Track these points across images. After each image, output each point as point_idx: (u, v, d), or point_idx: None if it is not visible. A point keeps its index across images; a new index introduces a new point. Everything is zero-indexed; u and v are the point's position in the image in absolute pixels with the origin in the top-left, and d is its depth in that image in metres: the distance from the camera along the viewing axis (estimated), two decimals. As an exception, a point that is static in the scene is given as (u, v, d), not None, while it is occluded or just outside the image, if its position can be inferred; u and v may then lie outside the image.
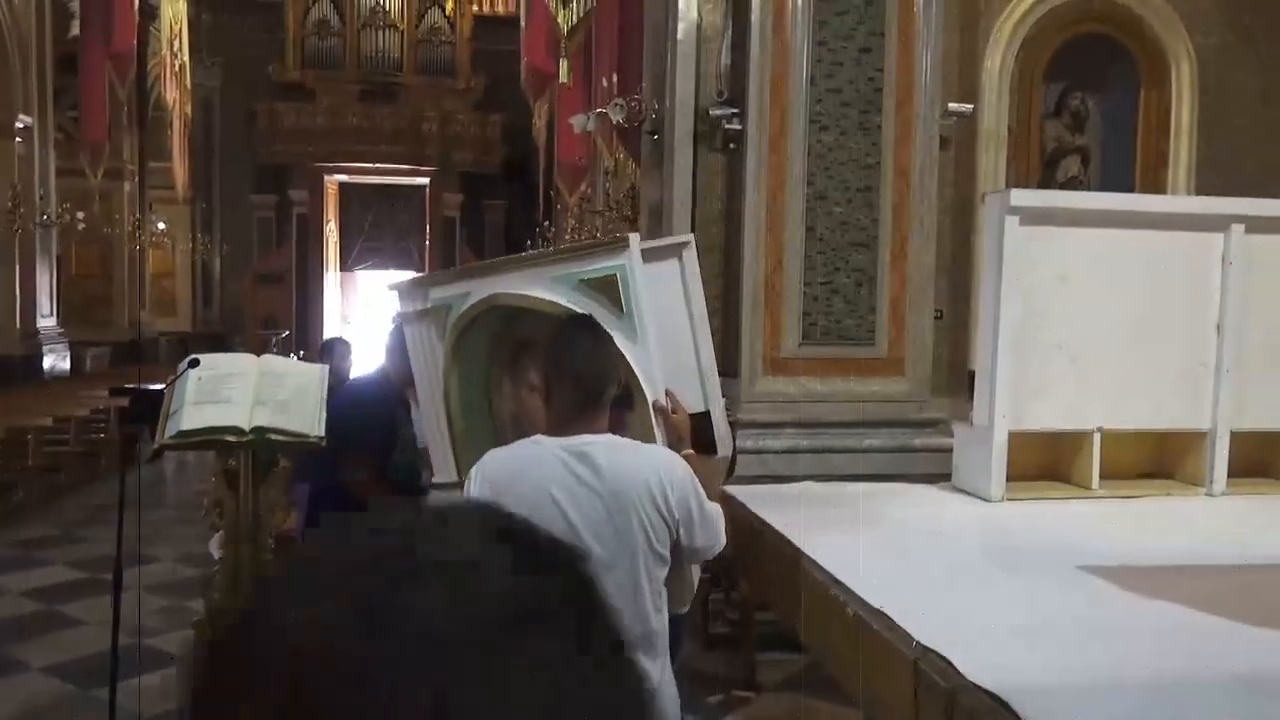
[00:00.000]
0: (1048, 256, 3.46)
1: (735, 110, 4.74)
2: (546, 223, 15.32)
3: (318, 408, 3.07)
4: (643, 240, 2.66)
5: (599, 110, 7.36)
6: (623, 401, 2.27)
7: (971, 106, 5.50)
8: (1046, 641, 2.14)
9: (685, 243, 2.83)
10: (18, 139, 12.42)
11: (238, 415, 2.98)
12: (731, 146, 4.82)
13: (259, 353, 3.70)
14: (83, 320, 14.95)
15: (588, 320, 2.27)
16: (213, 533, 3.65)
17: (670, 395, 2.40)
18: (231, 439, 2.98)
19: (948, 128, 5.00)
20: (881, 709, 2.25)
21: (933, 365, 4.84)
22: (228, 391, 3.03)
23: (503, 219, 20.16)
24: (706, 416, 2.64)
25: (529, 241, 14.69)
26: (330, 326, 18.76)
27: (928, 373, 4.77)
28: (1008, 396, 3.44)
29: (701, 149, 4.89)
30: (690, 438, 2.40)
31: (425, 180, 20.03)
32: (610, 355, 2.18)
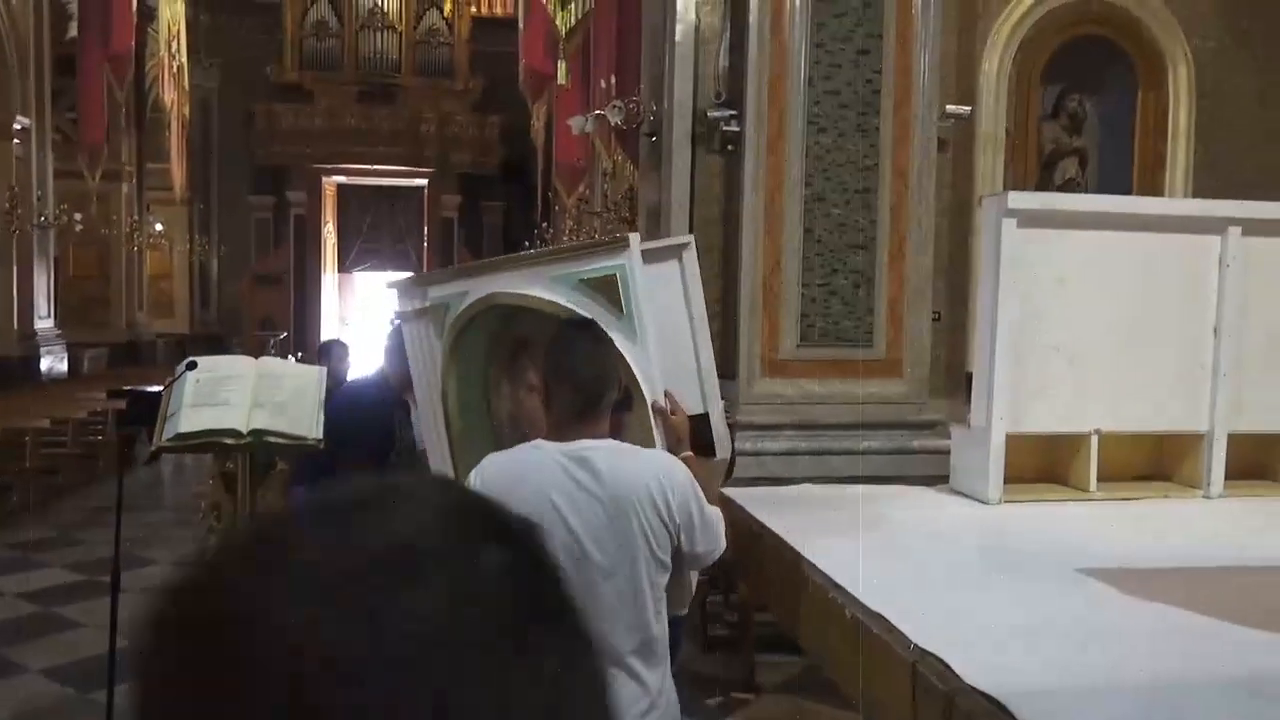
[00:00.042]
0: (1045, 259, 3.46)
1: (733, 112, 4.74)
2: (545, 224, 15.32)
3: (316, 410, 3.07)
4: (642, 241, 2.65)
5: (597, 112, 7.37)
6: (622, 403, 2.27)
7: (969, 108, 5.50)
8: (1045, 644, 2.14)
9: (685, 244, 2.82)
10: (15, 140, 12.41)
11: (236, 418, 2.98)
12: (729, 148, 4.82)
13: (257, 354, 3.70)
14: (80, 322, 14.94)
15: (587, 324, 2.26)
16: (210, 535, 3.65)
17: (669, 396, 2.40)
18: (229, 441, 2.98)
19: (945, 129, 5.00)
20: (880, 711, 2.25)
21: (930, 367, 4.84)
22: (226, 394, 3.03)
23: (501, 220, 20.15)
24: (705, 419, 2.63)
25: (527, 243, 14.67)
26: (328, 328, 18.74)
27: (925, 374, 4.77)
28: (1005, 399, 3.43)
29: (699, 151, 4.89)
30: (689, 439, 2.40)
31: (423, 181, 20.02)
32: (610, 359, 2.17)
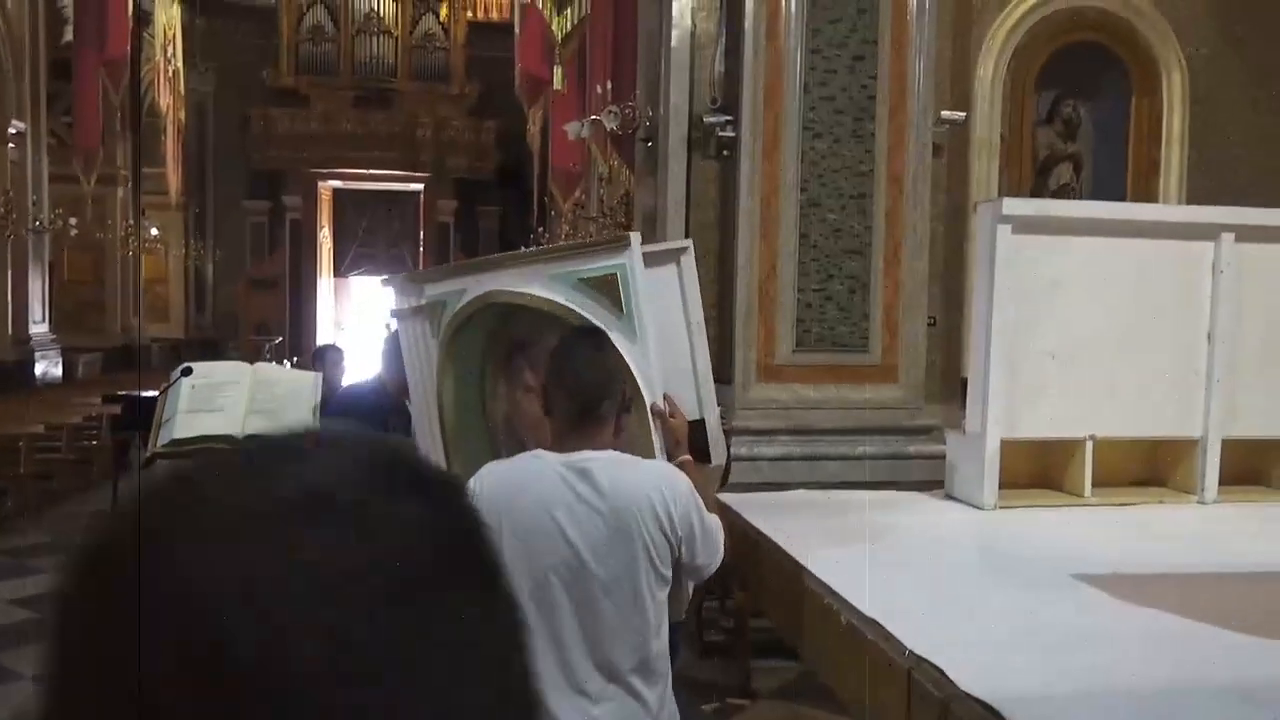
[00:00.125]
0: (1040, 264, 3.46)
1: (729, 117, 4.75)
2: (541, 229, 15.33)
3: (311, 416, 3.07)
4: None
5: (593, 117, 7.38)
6: (624, 408, 2.26)
7: (964, 114, 5.52)
8: (1039, 649, 2.15)
9: (684, 248, 2.80)
10: (11, 144, 12.40)
11: (231, 424, 2.97)
12: (725, 153, 4.83)
13: (252, 359, 3.70)
14: (75, 326, 14.92)
15: (592, 332, 2.24)
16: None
17: (668, 399, 2.39)
18: (224, 448, 2.98)
19: (940, 135, 5.01)
20: (875, 718, 2.25)
21: (926, 372, 4.84)
22: (221, 400, 3.02)
23: (497, 225, 20.14)
24: (701, 424, 2.62)
25: (523, 248, 14.67)
26: (324, 333, 18.73)
27: (921, 380, 4.78)
28: (1000, 404, 3.44)
29: (695, 156, 4.89)
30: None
31: (419, 186, 20.02)
32: (611, 369, 2.14)
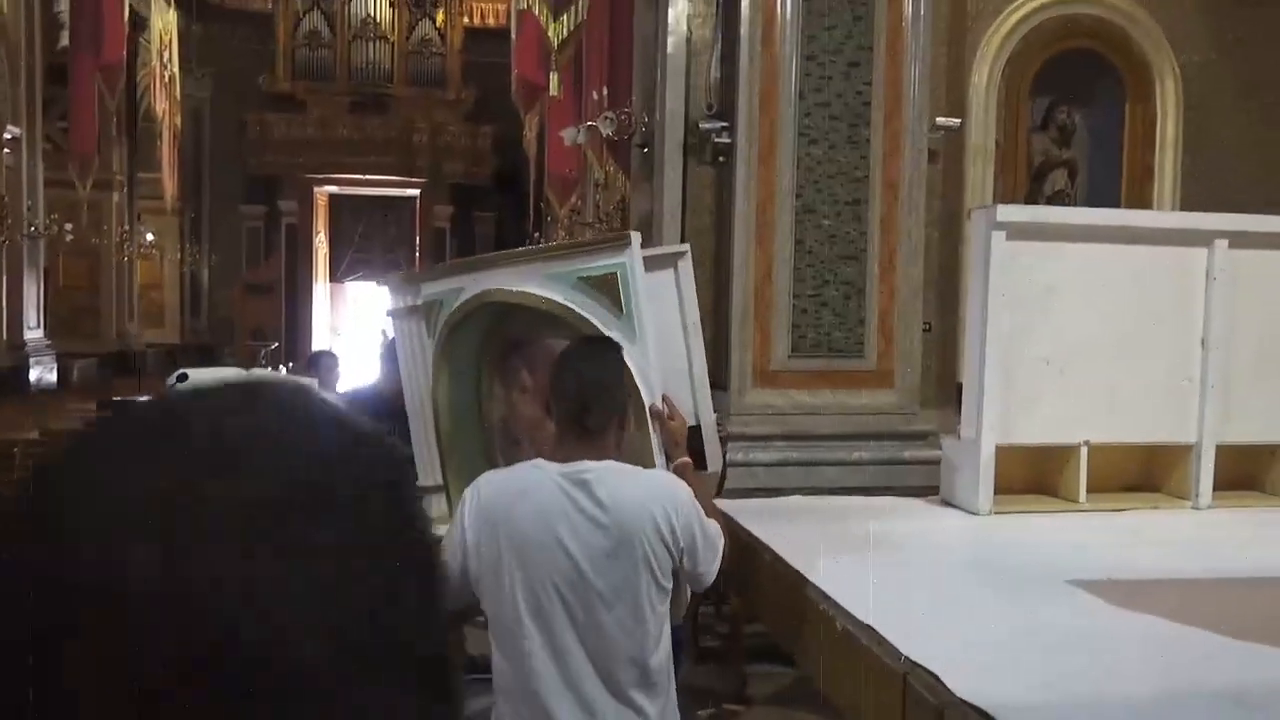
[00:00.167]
0: (1034, 271, 3.47)
1: (725, 123, 4.76)
2: (537, 234, 15.32)
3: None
4: (638, 248, 2.64)
5: (589, 123, 7.39)
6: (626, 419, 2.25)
7: (959, 120, 5.54)
8: (1034, 656, 2.15)
9: (681, 252, 2.80)
10: (6, 149, 12.37)
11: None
12: (721, 159, 4.84)
13: (248, 365, 3.69)
14: (70, 332, 14.86)
15: (598, 341, 2.23)
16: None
17: (667, 400, 2.39)
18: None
19: (936, 141, 5.03)
20: (870, 723, 2.25)
21: (921, 377, 4.85)
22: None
23: (493, 230, 20.13)
24: (698, 429, 2.62)
25: (519, 253, 14.66)
26: (319, 338, 18.71)
27: (916, 385, 4.79)
28: (995, 410, 3.44)
29: (691, 162, 4.91)
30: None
31: (415, 191, 20.02)
32: (613, 380, 2.13)
